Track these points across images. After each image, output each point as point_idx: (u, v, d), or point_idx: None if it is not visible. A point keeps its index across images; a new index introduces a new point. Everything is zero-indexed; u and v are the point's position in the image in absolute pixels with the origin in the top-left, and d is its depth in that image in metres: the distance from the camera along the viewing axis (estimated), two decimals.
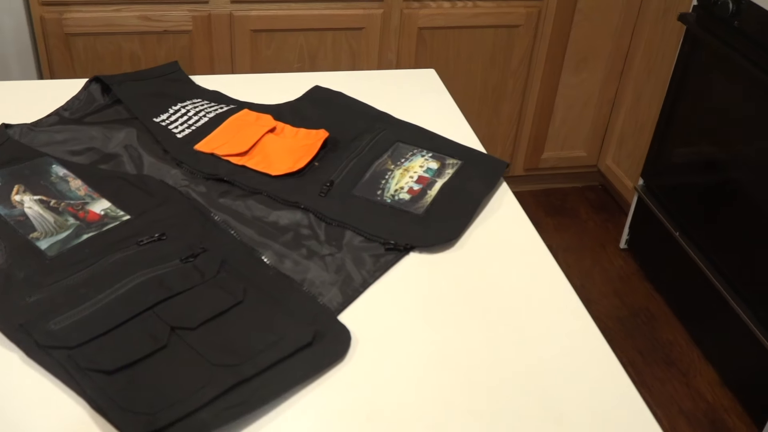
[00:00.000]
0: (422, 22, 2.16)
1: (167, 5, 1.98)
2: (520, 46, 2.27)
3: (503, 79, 2.33)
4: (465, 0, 2.16)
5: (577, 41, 2.32)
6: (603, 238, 2.45)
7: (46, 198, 0.89)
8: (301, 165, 0.96)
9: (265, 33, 2.08)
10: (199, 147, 0.99)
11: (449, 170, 0.98)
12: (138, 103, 1.06)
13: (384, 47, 2.18)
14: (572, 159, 2.57)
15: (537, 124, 2.45)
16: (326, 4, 2.07)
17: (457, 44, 2.23)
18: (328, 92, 1.13)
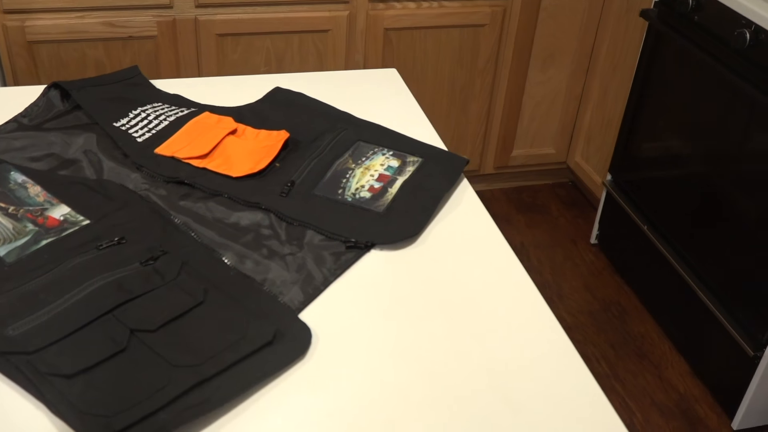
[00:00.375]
0: (388, 23, 2.17)
1: (131, 11, 1.97)
2: (486, 45, 2.29)
3: (471, 78, 2.35)
4: (430, 0, 2.18)
5: (543, 39, 2.34)
6: (574, 234, 2.47)
7: (5, 205, 0.88)
8: (262, 166, 0.97)
9: (231, 37, 2.08)
10: (159, 150, 0.99)
11: (410, 168, 0.99)
12: (98, 108, 1.06)
13: (351, 49, 2.19)
14: (542, 156, 2.59)
15: (506, 122, 2.47)
16: (291, 6, 2.08)
17: (424, 44, 2.24)
18: (289, 93, 1.13)
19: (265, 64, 2.15)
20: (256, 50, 2.12)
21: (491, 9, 2.23)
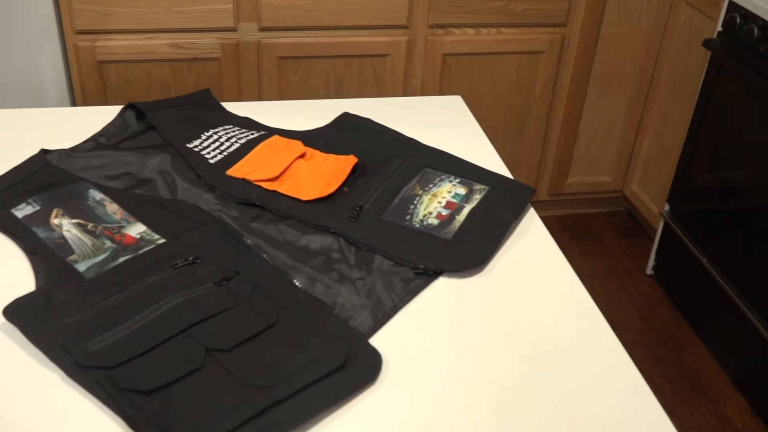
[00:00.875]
0: (447, 48, 2.19)
1: (197, 33, 2.03)
2: (544, 72, 2.29)
3: (527, 104, 2.34)
4: (489, 27, 2.19)
5: (602, 66, 2.33)
6: (629, 264, 2.44)
7: (84, 222, 0.91)
8: (331, 190, 0.98)
9: (292, 60, 2.12)
10: (231, 172, 1.01)
11: (477, 196, 1.00)
12: (171, 129, 1.09)
13: (408, 73, 2.21)
14: (597, 184, 2.57)
15: (561, 149, 2.46)
16: (352, 31, 2.11)
17: (482, 70, 2.25)
18: (356, 119, 1.15)
19: (324, 87, 2.18)
20: (316, 73, 2.15)
21: (550, 36, 2.23)
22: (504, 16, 2.17)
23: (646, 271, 2.39)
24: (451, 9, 2.12)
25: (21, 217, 0.91)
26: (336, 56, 2.13)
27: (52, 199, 0.94)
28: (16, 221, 0.91)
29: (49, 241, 0.88)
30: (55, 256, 0.86)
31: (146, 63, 2.04)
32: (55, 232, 0.89)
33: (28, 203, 0.94)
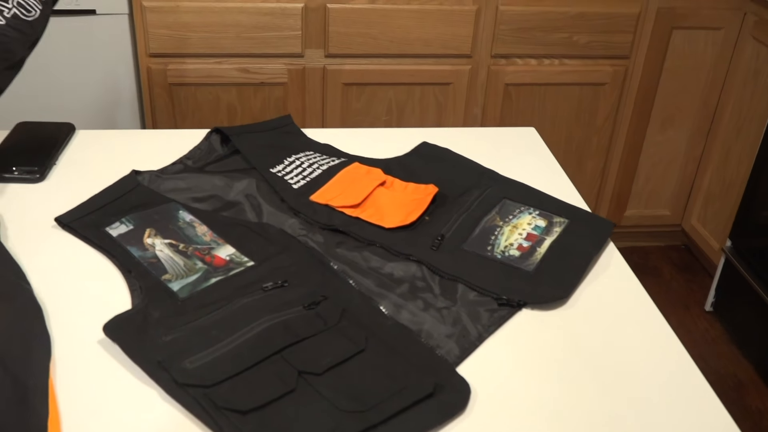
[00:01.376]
0: (509, 78, 2.20)
1: (265, 58, 2.08)
2: (606, 104, 2.29)
3: (587, 135, 2.34)
4: (552, 58, 2.20)
5: (664, 99, 2.33)
6: (687, 300, 2.41)
7: (176, 242, 0.94)
8: (413, 219, 1.00)
9: (356, 86, 2.15)
10: (314, 198, 1.04)
11: (557, 228, 1.01)
12: (255, 154, 1.12)
13: (470, 102, 2.23)
14: (656, 217, 2.55)
15: (621, 181, 2.45)
16: (416, 59, 2.14)
17: (543, 100, 2.26)
18: (435, 148, 1.17)
19: (387, 114, 2.21)
20: (379, 100, 2.18)
21: (613, 68, 2.24)
22: (567, 48, 2.18)
23: (705, 308, 2.35)
24: (514, 40, 2.14)
25: (116, 236, 0.95)
26: (399, 83, 2.17)
27: (144, 219, 0.98)
28: (111, 239, 0.94)
29: (143, 260, 0.91)
30: (150, 275, 0.89)
31: (215, 86, 2.10)
32: (148, 252, 0.92)
33: (122, 222, 0.97)
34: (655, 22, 2.19)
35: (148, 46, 2.00)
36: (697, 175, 2.47)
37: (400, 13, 2.06)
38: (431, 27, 2.09)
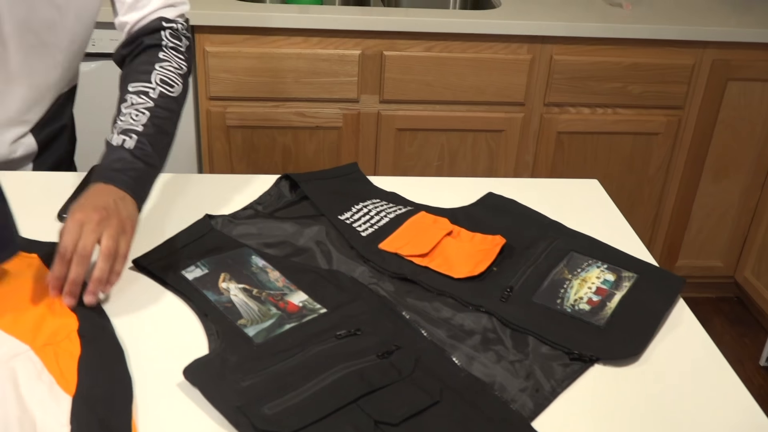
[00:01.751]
0: (562, 126, 2.21)
1: (322, 103, 2.12)
2: (659, 154, 2.29)
3: (639, 184, 2.33)
4: (605, 107, 2.21)
5: (718, 150, 2.31)
6: (740, 354, 2.36)
7: (249, 287, 0.96)
8: (481, 269, 1.01)
9: (409, 131, 2.18)
10: (383, 246, 1.05)
11: (626, 283, 1.00)
12: (324, 200, 1.14)
13: (522, 149, 2.24)
14: (708, 268, 2.51)
15: (672, 231, 2.42)
16: (469, 106, 2.17)
17: (595, 149, 2.26)
18: (501, 199, 1.18)
19: (438, 159, 2.23)
20: (431, 145, 2.21)
21: (666, 118, 2.24)
22: (621, 98, 2.19)
23: (760, 362, 2.30)
24: (568, 89, 2.16)
25: (191, 279, 0.97)
26: (452, 130, 2.19)
27: (218, 264, 1.00)
28: (187, 283, 0.97)
29: (218, 304, 0.93)
30: (226, 320, 0.90)
31: (271, 129, 2.14)
32: (223, 296, 0.94)
33: (197, 266, 0.99)
34: (710, 74, 2.19)
35: (209, 89, 2.06)
36: (751, 227, 2.44)
37: (456, 60, 2.09)
38: (486, 75, 2.12)
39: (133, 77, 1.10)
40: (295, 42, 2.04)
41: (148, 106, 1.06)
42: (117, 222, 0.92)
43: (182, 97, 1.14)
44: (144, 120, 1.05)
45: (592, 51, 2.12)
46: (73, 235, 0.89)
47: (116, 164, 1.00)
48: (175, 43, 1.15)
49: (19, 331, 0.86)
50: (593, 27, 2.08)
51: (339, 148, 2.18)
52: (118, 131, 1.03)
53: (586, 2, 2.28)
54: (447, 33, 2.06)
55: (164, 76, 1.11)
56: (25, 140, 1.25)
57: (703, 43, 2.14)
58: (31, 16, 1.11)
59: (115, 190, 0.96)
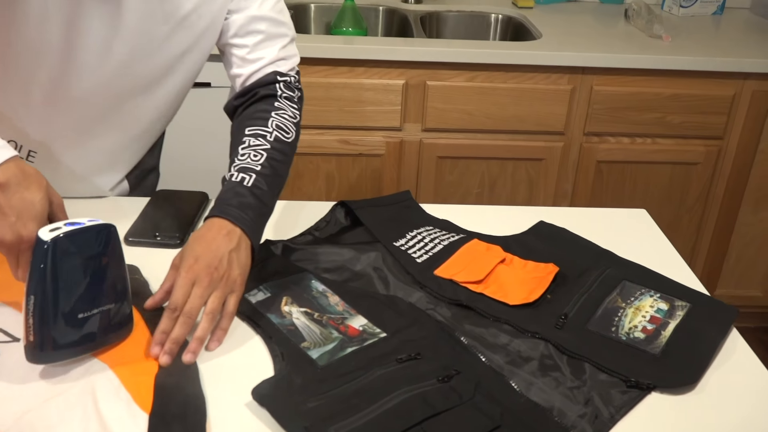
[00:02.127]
0: (601, 156, 2.23)
1: (365, 131, 2.16)
2: (698, 183, 2.29)
3: (678, 214, 2.33)
4: (644, 137, 2.22)
5: (758, 180, 2.31)
6: None
7: (311, 311, 0.99)
8: (536, 296, 1.02)
9: (450, 159, 2.21)
10: (438, 272, 1.07)
11: (680, 312, 1.01)
12: (379, 227, 1.16)
13: (561, 178, 2.26)
14: (747, 298, 2.49)
15: (711, 260, 2.41)
16: (510, 135, 2.19)
17: (634, 178, 2.27)
18: (552, 228, 1.20)
19: (478, 187, 2.25)
20: (471, 173, 2.23)
21: (706, 148, 2.24)
22: (660, 128, 2.20)
23: None
24: (608, 119, 2.17)
25: (254, 303, 1.00)
26: (492, 158, 2.21)
27: (280, 288, 1.03)
28: (251, 306, 0.99)
29: (282, 327, 0.95)
30: (290, 342, 0.93)
31: (315, 156, 2.18)
32: (286, 319, 0.97)
33: (260, 290, 1.02)
34: (750, 105, 2.19)
35: None
36: None
37: (497, 90, 2.12)
38: (526, 104, 2.14)
39: (250, 122, 1.13)
40: (341, 72, 2.09)
41: (265, 148, 1.09)
42: (227, 282, 0.94)
43: (295, 144, 1.16)
44: (261, 160, 1.07)
45: (632, 82, 2.14)
46: (185, 291, 0.91)
47: (234, 200, 1.01)
48: (289, 95, 1.19)
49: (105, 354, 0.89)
50: (633, 58, 2.10)
51: (381, 175, 2.21)
52: (237, 169, 1.06)
53: (626, 34, 2.31)
54: (488, 63, 2.09)
55: (280, 123, 1.13)
56: (122, 184, 1.30)
57: (743, 74, 2.15)
58: (145, 71, 1.13)
59: (233, 229, 0.98)
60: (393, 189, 2.23)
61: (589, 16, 2.50)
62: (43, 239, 0.83)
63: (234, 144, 1.12)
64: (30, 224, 0.87)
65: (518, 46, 2.15)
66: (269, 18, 1.17)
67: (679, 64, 2.11)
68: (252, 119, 1.14)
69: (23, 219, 0.87)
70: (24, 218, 0.87)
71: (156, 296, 0.96)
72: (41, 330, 0.83)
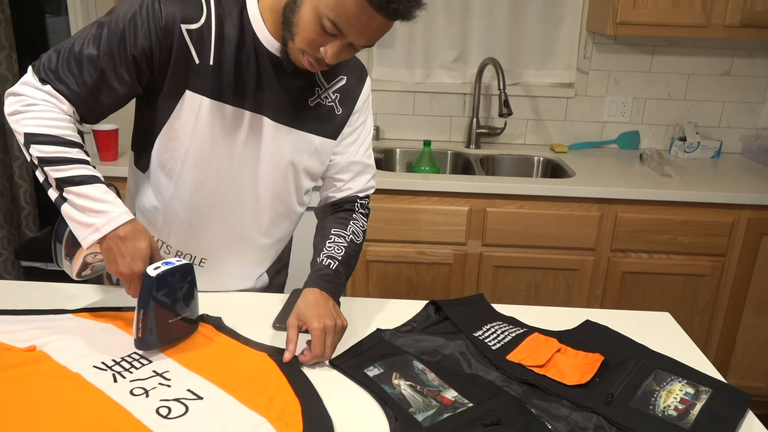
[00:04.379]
0: (625, 268, 2.25)
1: (437, 245, 2.25)
2: (706, 292, 2.28)
3: (691, 315, 2.31)
4: (660, 253, 2.24)
5: (757, 290, 2.28)
6: None
7: (414, 384, 1.05)
8: (587, 379, 1.06)
9: (504, 268, 2.27)
10: (510, 357, 1.13)
11: (704, 395, 1.03)
12: (462, 321, 1.23)
13: (593, 285, 2.28)
14: (752, 388, 2.40)
15: (720, 355, 2.36)
16: (552, 250, 2.24)
17: (653, 286, 2.28)
18: (597, 325, 1.24)
19: (526, 290, 2.29)
20: (520, 279, 2.28)
21: (711, 263, 2.24)
22: (673, 246, 2.22)
23: None
24: (630, 239, 2.22)
25: (372, 376, 1.07)
26: (537, 268, 2.26)
27: (390, 365, 1.09)
28: (369, 379, 1.06)
29: (393, 396, 1.02)
30: (400, 407, 0.99)
31: (399, 264, 2.27)
32: (396, 390, 1.03)
33: (375, 366, 1.09)
34: (747, 229, 2.20)
35: None
36: None
37: (541, 215, 2.20)
38: (564, 226, 2.21)
39: (335, 224, 1.29)
40: (420, 200, 2.21)
41: (344, 245, 1.25)
42: (341, 324, 1.12)
43: (362, 244, 1.31)
44: (342, 252, 1.23)
45: (649, 210, 2.19)
46: (322, 342, 1.09)
47: (324, 278, 1.19)
48: (363, 211, 1.34)
49: (258, 405, 0.97)
50: (649, 192, 2.16)
51: (449, 280, 2.28)
52: (325, 256, 1.23)
53: (642, 173, 2.38)
54: (534, 195, 2.19)
55: (355, 229, 1.28)
56: (263, 276, 1.40)
57: (739, 205, 2.18)
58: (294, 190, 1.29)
59: (326, 296, 1.15)
60: (459, 291, 2.29)
61: (611, 158, 2.59)
62: (150, 275, 1.05)
63: (321, 237, 1.28)
64: (139, 263, 1.07)
65: (557, 182, 2.24)
66: (361, 162, 1.33)
67: (687, 197, 2.16)
68: (336, 223, 1.30)
69: (135, 259, 1.07)
70: (136, 259, 1.07)
71: (290, 348, 1.09)
72: (145, 330, 1.07)
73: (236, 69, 1.13)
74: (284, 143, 1.21)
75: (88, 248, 1.08)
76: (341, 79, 1.25)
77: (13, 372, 1.02)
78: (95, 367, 1.05)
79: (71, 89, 1.08)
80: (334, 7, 0.99)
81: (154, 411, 0.95)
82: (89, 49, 1.08)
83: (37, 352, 1.07)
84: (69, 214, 1.07)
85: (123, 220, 1.07)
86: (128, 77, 1.10)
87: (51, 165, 1.06)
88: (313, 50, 1.05)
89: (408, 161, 2.64)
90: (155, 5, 1.08)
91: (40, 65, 1.09)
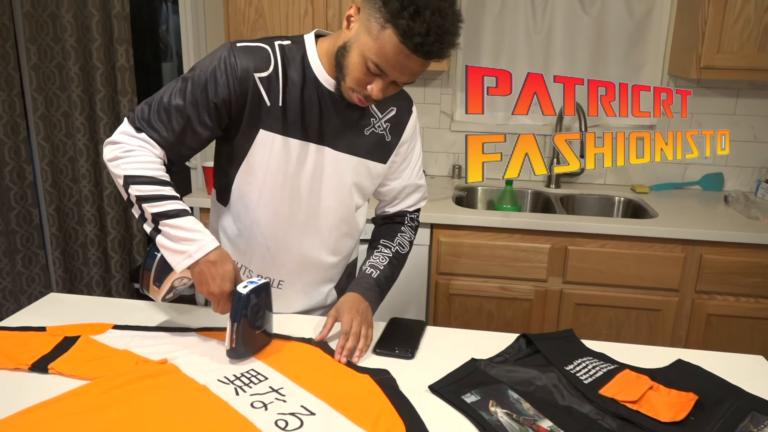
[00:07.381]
0: (711, 310, 2.19)
1: (519, 281, 2.27)
2: None
3: None
4: (748, 297, 2.18)
5: None
6: None
7: (510, 412, 1.08)
8: (682, 417, 1.07)
9: (585, 306, 2.26)
10: (603, 392, 1.14)
11: None
12: (553, 354, 1.26)
13: (677, 326, 2.23)
14: None
15: None
16: (633, 290, 2.22)
17: (740, 330, 2.20)
18: (689, 365, 1.24)
19: (607, 329, 2.27)
20: (601, 318, 2.26)
21: None
22: (762, 290, 2.15)
23: None
24: (716, 280, 2.16)
25: (469, 402, 1.11)
26: (618, 306, 2.24)
27: (486, 393, 1.13)
28: (467, 405, 1.10)
29: (491, 422, 1.05)
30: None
31: (480, 298, 2.30)
32: (493, 417, 1.07)
33: (472, 393, 1.13)
34: None
35: (439, 267, 2.28)
36: None
37: (623, 255, 2.19)
38: (647, 266, 2.18)
39: (384, 235, 1.45)
40: (502, 237, 2.24)
41: (389, 256, 1.41)
42: (368, 320, 1.29)
43: (407, 256, 1.45)
44: (385, 263, 1.40)
45: (736, 252, 2.14)
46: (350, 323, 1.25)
47: (366, 285, 1.35)
48: (412, 225, 1.49)
49: (365, 423, 1.03)
50: (737, 234, 2.12)
51: (530, 316, 2.29)
52: (369, 265, 1.39)
53: (727, 215, 2.33)
54: (616, 234, 2.18)
55: (401, 241, 1.44)
56: (332, 292, 1.50)
57: None
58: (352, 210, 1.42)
59: (365, 302, 1.32)
60: (539, 327, 2.29)
61: (694, 200, 2.54)
62: (241, 293, 1.18)
63: (371, 246, 1.45)
64: (228, 284, 1.18)
65: (640, 222, 2.23)
66: (413, 183, 1.48)
67: None
68: (386, 234, 1.45)
69: (224, 281, 1.18)
70: (225, 280, 1.18)
71: (323, 332, 1.26)
72: (237, 341, 1.19)
73: (301, 107, 1.26)
74: (346, 169, 1.34)
75: (181, 273, 1.19)
76: (392, 109, 1.38)
77: (149, 382, 1.12)
78: (219, 381, 1.14)
79: (162, 135, 1.22)
80: (376, 51, 1.11)
81: (273, 423, 1.03)
82: (176, 100, 1.21)
83: (169, 365, 1.18)
84: (163, 243, 1.19)
85: (212, 247, 1.19)
86: (210, 122, 1.24)
87: (148, 202, 1.19)
88: (361, 88, 1.18)
89: (489, 199, 2.68)
90: (231, 59, 1.21)
91: (134, 116, 1.24)
